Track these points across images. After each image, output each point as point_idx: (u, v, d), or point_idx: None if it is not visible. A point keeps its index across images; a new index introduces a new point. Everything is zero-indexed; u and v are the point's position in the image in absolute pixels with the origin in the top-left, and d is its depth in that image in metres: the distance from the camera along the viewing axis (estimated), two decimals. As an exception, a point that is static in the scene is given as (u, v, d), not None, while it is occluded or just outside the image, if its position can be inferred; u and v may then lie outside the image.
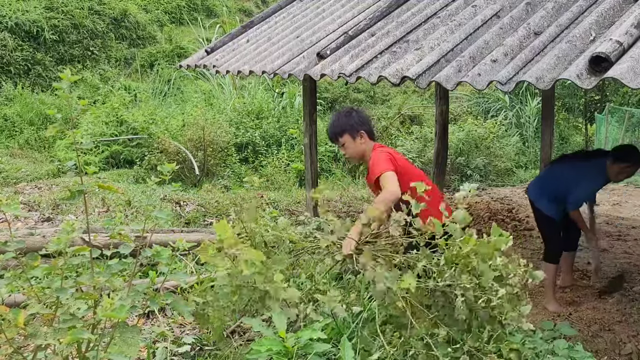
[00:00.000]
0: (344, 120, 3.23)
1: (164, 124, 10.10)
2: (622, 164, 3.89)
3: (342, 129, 3.22)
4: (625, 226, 6.94)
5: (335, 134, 3.25)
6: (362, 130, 3.22)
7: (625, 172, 3.94)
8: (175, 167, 2.35)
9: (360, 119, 3.25)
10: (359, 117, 3.26)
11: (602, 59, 2.60)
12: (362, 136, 3.23)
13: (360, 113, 3.31)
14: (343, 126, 3.22)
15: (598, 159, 4.01)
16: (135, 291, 2.11)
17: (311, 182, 5.74)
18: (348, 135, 3.21)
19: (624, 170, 3.92)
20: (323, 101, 13.38)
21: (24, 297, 2.36)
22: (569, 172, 4.04)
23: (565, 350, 2.46)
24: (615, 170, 3.91)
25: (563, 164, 4.22)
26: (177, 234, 5.01)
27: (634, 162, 3.92)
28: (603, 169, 3.94)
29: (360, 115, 3.29)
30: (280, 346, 2.24)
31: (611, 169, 3.91)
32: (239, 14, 16.83)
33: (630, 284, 4.75)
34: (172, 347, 2.89)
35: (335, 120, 3.29)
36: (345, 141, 3.23)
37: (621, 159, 3.90)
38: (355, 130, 3.21)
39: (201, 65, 5.86)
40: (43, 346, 1.95)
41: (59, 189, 7.01)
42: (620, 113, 13.50)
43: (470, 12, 3.98)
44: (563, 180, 4.01)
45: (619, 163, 3.89)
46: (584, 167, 4.01)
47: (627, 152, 3.98)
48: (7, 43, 11.43)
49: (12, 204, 2.12)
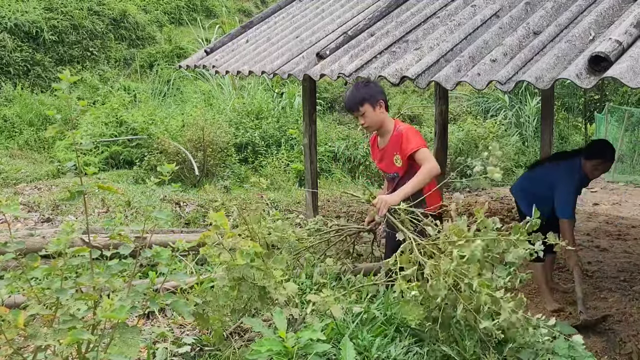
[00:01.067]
0: (364, 90, 3.27)
1: (163, 124, 10.10)
2: (595, 160, 3.88)
3: (362, 97, 3.25)
4: (625, 225, 6.95)
5: (356, 103, 3.27)
6: (381, 99, 3.28)
7: (599, 169, 3.94)
8: (175, 168, 2.35)
9: (378, 89, 3.32)
10: (377, 87, 3.32)
11: (602, 58, 2.60)
12: (381, 105, 3.28)
13: (377, 84, 3.38)
14: (363, 95, 3.25)
15: (571, 159, 3.98)
16: (135, 292, 2.11)
17: (311, 182, 5.74)
18: (368, 104, 3.25)
19: (598, 166, 3.91)
20: (322, 101, 13.38)
21: (23, 298, 2.35)
22: (545, 177, 4.02)
23: (565, 350, 2.45)
24: (589, 167, 3.89)
25: (542, 168, 4.19)
26: (177, 235, 5.00)
27: (607, 158, 3.92)
28: (578, 168, 3.90)
29: (377, 85, 3.36)
30: (280, 346, 2.24)
31: (585, 166, 3.89)
32: (239, 15, 16.82)
33: (630, 284, 4.75)
34: (172, 348, 2.89)
35: (354, 90, 3.32)
36: (366, 110, 3.26)
37: (594, 155, 3.89)
38: (375, 99, 3.26)
39: (200, 66, 5.86)
40: (43, 347, 1.95)
41: (59, 190, 7.01)
42: (619, 112, 13.50)
43: (470, 11, 3.98)
44: (541, 185, 4.01)
45: (592, 159, 3.88)
46: (558, 170, 3.97)
47: (599, 148, 3.97)
48: (7, 44, 11.43)
49: (12, 205, 2.12)
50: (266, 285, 2.28)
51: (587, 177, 3.98)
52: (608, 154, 3.95)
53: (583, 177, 3.96)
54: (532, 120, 13.84)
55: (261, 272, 2.32)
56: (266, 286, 2.28)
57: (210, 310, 2.51)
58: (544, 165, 4.21)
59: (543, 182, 4.01)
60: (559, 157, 4.32)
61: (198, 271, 3.60)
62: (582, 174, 3.93)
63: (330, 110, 13.91)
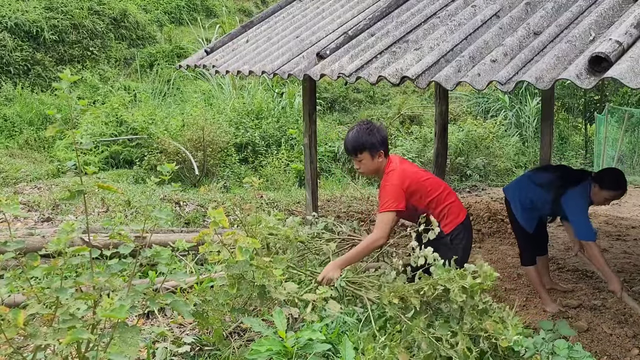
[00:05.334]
0: (366, 138, 3.21)
1: (163, 124, 10.10)
2: (612, 191, 3.80)
3: (363, 146, 3.21)
4: (625, 226, 6.94)
5: (355, 150, 3.23)
6: (382, 149, 3.24)
7: (613, 199, 3.88)
8: (175, 167, 2.35)
9: (381, 138, 3.24)
10: (380, 136, 3.24)
11: (602, 58, 2.60)
12: (381, 155, 3.24)
13: (381, 130, 3.28)
14: (365, 144, 3.20)
15: (582, 182, 3.86)
16: (134, 291, 2.11)
17: (311, 182, 5.74)
18: (367, 152, 3.22)
19: (613, 197, 3.84)
20: (323, 101, 13.39)
21: (23, 298, 2.35)
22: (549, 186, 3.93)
23: (565, 350, 2.46)
24: (602, 195, 3.81)
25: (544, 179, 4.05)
26: (176, 234, 5.01)
27: (624, 189, 3.85)
28: (588, 192, 3.83)
29: (381, 133, 3.26)
30: (280, 346, 2.24)
31: (599, 195, 3.80)
32: (239, 14, 16.82)
33: (630, 284, 4.75)
34: (172, 347, 2.89)
35: (356, 135, 3.24)
36: (364, 158, 3.23)
37: (611, 185, 3.79)
38: (375, 149, 3.22)
39: (201, 66, 5.86)
40: (43, 346, 1.95)
41: (59, 189, 7.01)
42: (619, 113, 13.50)
43: (470, 12, 3.97)
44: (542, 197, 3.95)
45: (609, 190, 3.79)
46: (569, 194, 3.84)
47: (615, 178, 3.85)
48: (7, 43, 11.43)
49: (12, 204, 2.12)
50: (265, 284, 2.28)
51: (591, 202, 3.89)
52: (624, 186, 3.85)
53: (589, 201, 3.89)
54: (532, 120, 13.84)
55: (261, 271, 2.32)
56: (266, 285, 2.28)
57: (210, 309, 2.51)
58: (549, 174, 4.10)
59: (545, 190, 3.95)
60: (566, 171, 4.15)
61: (197, 271, 3.60)
62: (589, 198, 3.86)
63: (330, 110, 13.91)
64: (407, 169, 3.27)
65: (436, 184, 3.32)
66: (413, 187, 3.20)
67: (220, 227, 2.38)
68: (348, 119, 13.53)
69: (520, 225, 4.09)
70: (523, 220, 4.07)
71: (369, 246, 3.12)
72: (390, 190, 3.15)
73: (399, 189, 3.15)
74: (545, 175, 4.10)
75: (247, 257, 2.31)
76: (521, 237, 4.18)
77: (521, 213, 4.07)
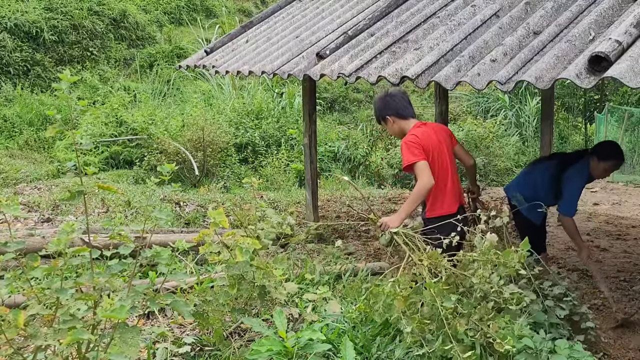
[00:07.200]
0: (378, 105, 3.56)
1: (163, 124, 10.10)
2: (610, 161, 3.93)
3: (380, 115, 3.54)
4: (625, 225, 6.94)
5: (377, 119, 3.64)
6: (387, 115, 3.48)
7: (611, 169, 4.02)
8: (175, 168, 2.34)
9: (384, 105, 3.50)
10: (383, 104, 3.51)
11: (602, 58, 2.60)
12: (388, 121, 3.49)
13: (395, 98, 3.49)
14: (380, 113, 3.53)
15: (579, 160, 3.99)
16: (135, 292, 2.11)
17: (311, 182, 5.73)
18: (382, 120, 3.55)
19: (612, 167, 3.99)
20: (322, 101, 13.38)
21: (24, 298, 2.35)
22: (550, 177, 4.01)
23: (565, 350, 2.45)
24: (601, 168, 3.93)
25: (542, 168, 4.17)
26: (177, 235, 5.00)
27: (621, 158, 3.99)
28: (587, 169, 3.94)
29: (394, 100, 3.49)
30: (280, 346, 2.24)
31: (597, 168, 3.92)
32: (239, 15, 16.83)
33: (630, 284, 4.75)
34: (172, 348, 2.89)
35: (374, 107, 3.65)
36: (386, 124, 3.54)
37: (608, 156, 3.93)
38: (381, 116, 3.53)
39: (200, 66, 5.86)
40: (43, 347, 1.95)
41: (59, 190, 7.00)
42: (619, 112, 13.51)
43: (470, 12, 3.97)
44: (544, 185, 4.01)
45: (607, 161, 3.92)
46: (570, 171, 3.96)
47: (611, 149, 4.03)
48: (7, 44, 11.43)
49: (12, 205, 2.12)
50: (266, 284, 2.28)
51: (591, 178, 4.00)
52: (621, 155, 4.01)
53: (589, 178, 3.99)
54: (532, 120, 13.84)
55: (261, 271, 2.32)
56: (266, 285, 2.28)
57: (210, 310, 2.51)
58: (547, 162, 4.23)
59: (548, 183, 4.00)
60: (562, 156, 4.31)
61: (198, 271, 3.60)
62: (588, 175, 3.97)
63: (330, 110, 13.92)
64: (419, 132, 3.41)
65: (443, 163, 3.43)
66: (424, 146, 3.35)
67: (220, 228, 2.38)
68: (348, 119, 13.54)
69: (526, 218, 4.09)
70: (530, 214, 4.07)
71: (420, 191, 3.27)
72: (403, 147, 3.37)
73: (411, 144, 3.33)
74: (544, 164, 4.22)
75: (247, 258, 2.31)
76: (528, 230, 4.16)
77: (527, 206, 4.07)
